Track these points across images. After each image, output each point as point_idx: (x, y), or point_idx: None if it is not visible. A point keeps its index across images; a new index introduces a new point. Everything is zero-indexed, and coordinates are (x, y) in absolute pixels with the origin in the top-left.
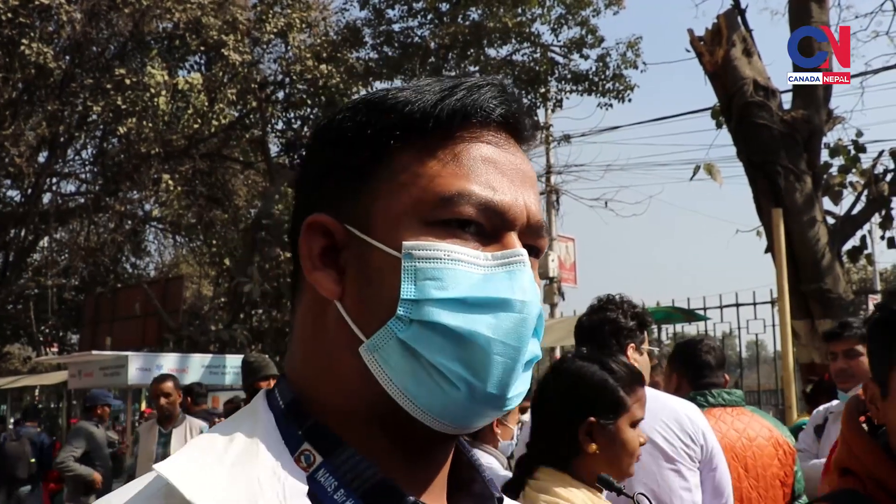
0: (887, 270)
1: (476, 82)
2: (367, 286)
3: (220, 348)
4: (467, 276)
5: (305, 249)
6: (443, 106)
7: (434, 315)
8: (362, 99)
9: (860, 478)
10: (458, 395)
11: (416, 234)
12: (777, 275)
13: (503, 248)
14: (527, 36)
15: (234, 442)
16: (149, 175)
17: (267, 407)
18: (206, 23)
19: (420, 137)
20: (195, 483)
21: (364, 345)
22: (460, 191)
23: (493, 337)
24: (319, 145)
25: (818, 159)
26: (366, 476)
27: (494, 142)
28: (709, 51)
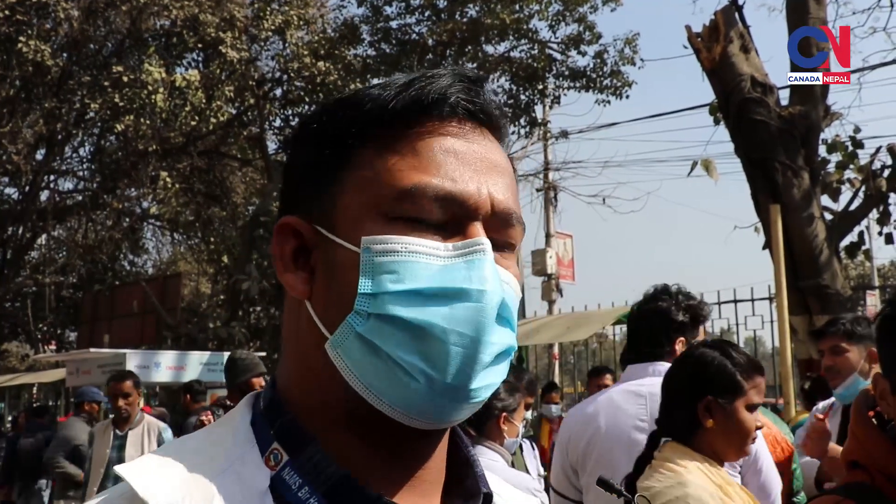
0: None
1: (436, 73)
2: (331, 283)
3: (218, 345)
4: (425, 267)
5: (277, 251)
6: (398, 99)
7: (390, 308)
8: (330, 100)
9: (869, 471)
10: (418, 388)
11: (377, 228)
12: (775, 271)
13: (464, 238)
14: (524, 32)
15: (201, 444)
16: (146, 172)
17: (249, 407)
18: (203, 20)
19: (381, 132)
20: (151, 484)
21: (328, 341)
22: (417, 183)
23: (448, 327)
24: (294, 147)
25: (816, 155)
26: (328, 473)
27: (456, 132)
28: (706, 47)
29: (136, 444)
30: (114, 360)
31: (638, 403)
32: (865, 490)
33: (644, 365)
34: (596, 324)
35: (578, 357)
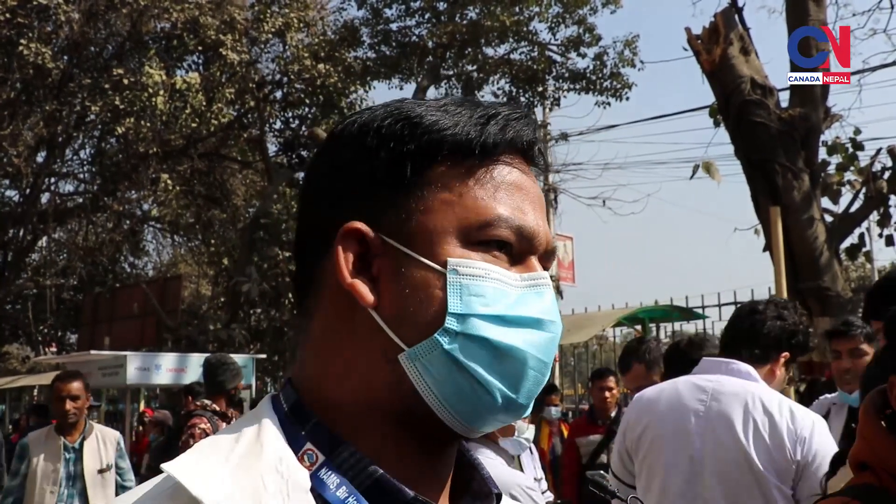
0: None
1: (512, 113)
2: (409, 297)
3: (218, 347)
4: (505, 294)
5: (343, 257)
6: (487, 134)
7: (479, 329)
8: (394, 111)
9: (877, 472)
10: (492, 404)
11: (457, 251)
12: (775, 273)
13: (528, 271)
14: (524, 35)
15: (238, 442)
16: (147, 175)
17: (272, 409)
18: (203, 22)
19: (463, 159)
20: (201, 481)
21: (405, 353)
22: (500, 215)
23: (529, 352)
24: (349, 150)
25: (816, 157)
26: (367, 473)
27: (521, 168)
28: (706, 49)
29: (94, 456)
30: (114, 363)
31: (698, 398)
32: (873, 491)
33: (719, 361)
34: (596, 326)
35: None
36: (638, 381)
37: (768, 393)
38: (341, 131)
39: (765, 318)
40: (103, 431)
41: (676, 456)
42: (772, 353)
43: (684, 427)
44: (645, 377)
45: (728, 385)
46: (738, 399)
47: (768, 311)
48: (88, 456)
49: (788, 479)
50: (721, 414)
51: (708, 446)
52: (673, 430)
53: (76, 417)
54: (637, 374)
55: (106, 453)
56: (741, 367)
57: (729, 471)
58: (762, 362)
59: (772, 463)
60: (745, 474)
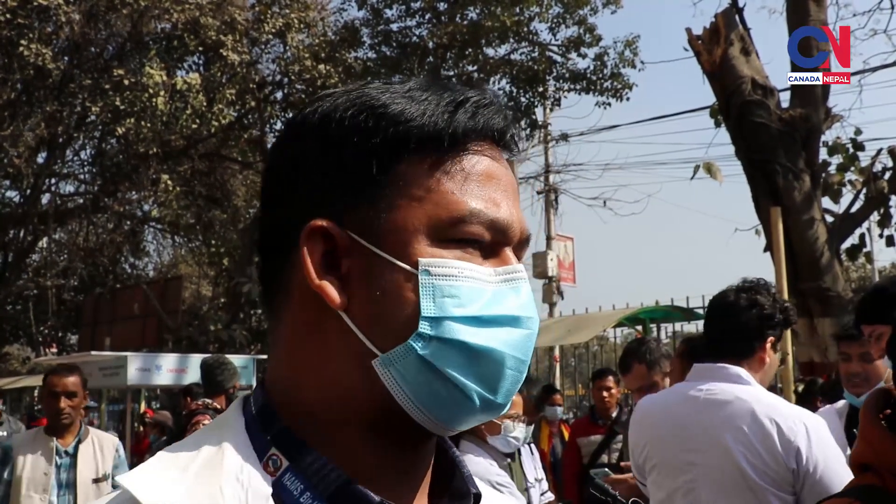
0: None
1: (481, 99)
2: (380, 300)
3: (219, 348)
4: (480, 292)
5: (308, 256)
6: (457, 124)
7: (454, 332)
8: (357, 100)
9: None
10: (470, 406)
11: (428, 249)
12: (776, 273)
13: (502, 264)
14: (525, 35)
15: (200, 451)
16: (147, 175)
17: (240, 413)
18: (204, 23)
19: (431, 151)
20: (155, 493)
21: (378, 359)
22: (472, 210)
23: (506, 352)
24: (311, 142)
25: (817, 158)
26: (330, 478)
27: (492, 156)
28: (707, 50)
29: (89, 464)
30: (115, 363)
31: (691, 409)
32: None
33: (710, 367)
34: (597, 326)
35: (579, 360)
36: (639, 382)
37: (759, 400)
38: (301, 121)
39: (739, 311)
40: (100, 436)
41: (676, 475)
42: (755, 344)
43: (681, 444)
44: (646, 377)
45: (720, 394)
46: (729, 408)
47: (741, 303)
48: (83, 463)
49: (787, 485)
50: (713, 425)
51: (703, 459)
52: (671, 450)
53: (70, 418)
54: (638, 374)
55: (103, 461)
56: (731, 371)
57: (724, 482)
58: (748, 355)
59: (767, 471)
60: (739, 485)
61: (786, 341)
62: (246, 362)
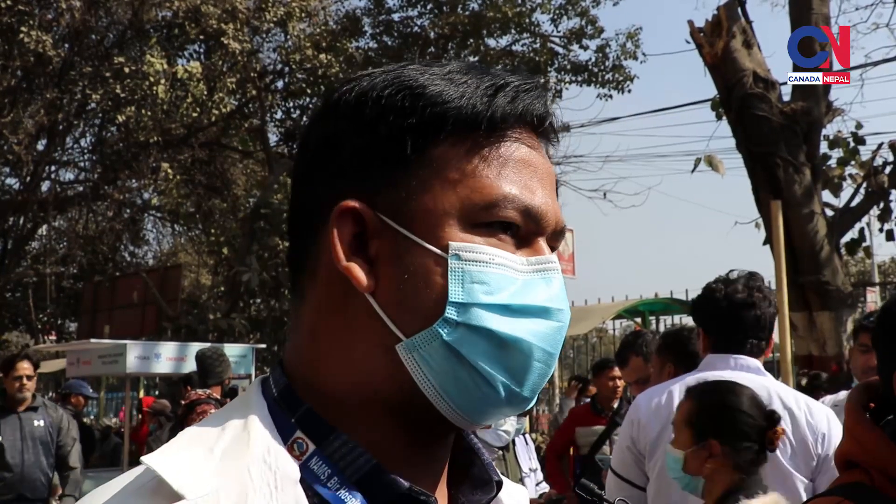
0: (885, 263)
1: (522, 84)
2: (408, 283)
3: (218, 337)
4: (510, 281)
5: (337, 237)
6: (496, 108)
7: (482, 319)
8: (395, 80)
9: (866, 470)
10: (495, 398)
11: (460, 234)
12: (775, 267)
13: (535, 254)
14: (526, 26)
15: (225, 431)
16: (147, 164)
17: (261, 395)
18: (205, 11)
19: (468, 134)
20: (184, 475)
21: (403, 343)
22: (507, 194)
23: (534, 343)
24: (345, 121)
25: (817, 151)
26: (359, 463)
27: (531, 144)
28: (709, 42)
29: None
30: (114, 351)
31: None
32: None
33: (726, 356)
34: (596, 318)
35: (578, 351)
36: (636, 374)
37: (784, 388)
38: (337, 100)
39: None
40: None
41: None
42: (763, 340)
43: None
44: (643, 370)
45: (741, 381)
46: None
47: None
48: None
49: (809, 471)
50: None
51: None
52: None
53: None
54: (635, 367)
55: None
56: (749, 362)
57: None
58: (761, 352)
59: (795, 458)
60: (768, 469)
61: (784, 334)
62: (245, 351)
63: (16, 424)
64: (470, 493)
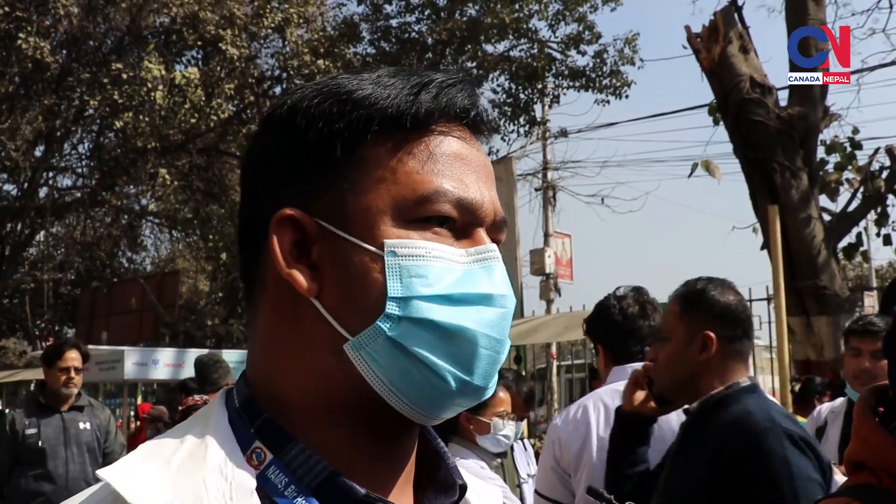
0: (883, 267)
1: (446, 80)
2: (349, 284)
3: (216, 343)
4: (449, 272)
5: (278, 245)
6: (419, 104)
7: (423, 311)
8: (324, 89)
9: (875, 472)
10: (446, 389)
11: (395, 230)
12: (773, 271)
13: (475, 244)
14: (524, 32)
15: (183, 444)
16: (145, 169)
17: (223, 406)
18: (203, 17)
19: (395, 132)
20: (139, 488)
21: (349, 343)
22: (438, 188)
23: (479, 330)
24: (280, 133)
25: (814, 156)
26: (316, 471)
27: (461, 137)
28: (706, 48)
29: None
30: (112, 357)
31: None
32: (873, 492)
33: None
34: None
35: (576, 356)
36: None
37: None
38: (271, 114)
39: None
40: None
41: None
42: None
43: None
44: None
45: None
46: None
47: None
48: None
49: None
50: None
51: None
52: None
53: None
54: None
55: None
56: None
57: None
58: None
59: None
60: None
61: (782, 339)
62: (243, 357)
63: (58, 426)
64: (434, 497)
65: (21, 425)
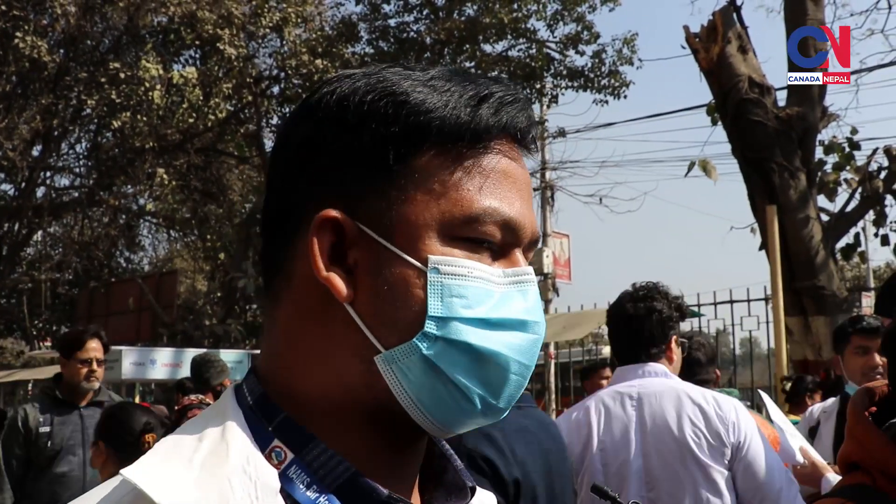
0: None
1: (506, 95)
2: (387, 295)
3: (214, 343)
4: (488, 294)
5: (317, 246)
6: (479, 119)
7: (460, 333)
8: (378, 85)
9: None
10: (471, 410)
11: (440, 247)
12: (771, 271)
13: (512, 265)
14: (522, 32)
15: (202, 442)
16: (143, 169)
17: (236, 403)
18: (201, 17)
19: (450, 145)
20: (164, 487)
21: (381, 355)
22: (486, 208)
23: (511, 357)
24: (326, 125)
25: (813, 156)
26: (338, 471)
27: (512, 155)
28: (704, 47)
29: None
30: (109, 357)
31: (628, 405)
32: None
33: (633, 367)
34: (592, 323)
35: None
36: None
37: (692, 388)
38: (318, 101)
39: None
40: None
41: (620, 465)
42: (662, 346)
43: (623, 437)
44: None
45: (652, 386)
46: (666, 397)
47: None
48: None
49: (725, 460)
50: (654, 414)
51: (650, 448)
52: (612, 443)
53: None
54: None
55: None
56: (656, 367)
57: (674, 465)
58: (659, 357)
59: (711, 449)
60: (689, 465)
61: (780, 339)
62: (241, 357)
63: (76, 424)
64: (444, 499)
65: (35, 422)
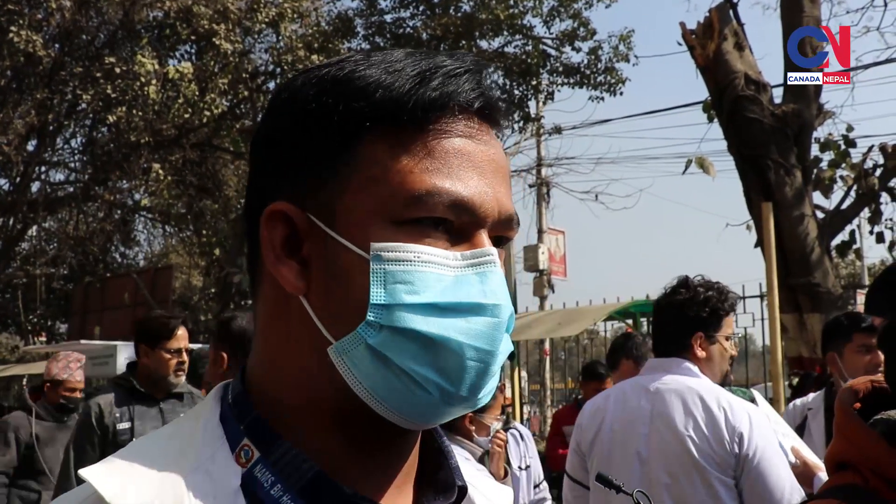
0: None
1: (453, 68)
2: (334, 285)
3: (209, 338)
4: (439, 278)
5: (267, 240)
6: (418, 96)
7: (405, 321)
8: (327, 73)
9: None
10: (430, 399)
11: (384, 233)
12: (766, 269)
13: (473, 247)
14: (518, 28)
15: (171, 441)
16: (138, 164)
17: (217, 401)
18: (196, 12)
19: (392, 127)
20: (119, 488)
21: (332, 347)
22: (430, 188)
23: (465, 342)
24: (281, 120)
25: (808, 153)
26: (303, 470)
27: (468, 132)
28: (700, 44)
29: None
30: (104, 352)
31: (644, 398)
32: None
33: (663, 360)
34: (587, 320)
35: (569, 353)
36: (628, 377)
37: (708, 389)
38: (274, 99)
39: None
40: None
41: (626, 455)
42: (685, 342)
43: (632, 427)
44: (633, 373)
45: (671, 383)
46: (678, 396)
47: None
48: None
49: (729, 469)
50: (664, 412)
51: (654, 443)
52: (622, 431)
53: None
54: (626, 370)
55: None
56: (682, 364)
57: (673, 464)
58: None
59: (712, 455)
60: (687, 467)
61: (775, 336)
62: None
63: (157, 419)
64: (433, 497)
65: (111, 418)
